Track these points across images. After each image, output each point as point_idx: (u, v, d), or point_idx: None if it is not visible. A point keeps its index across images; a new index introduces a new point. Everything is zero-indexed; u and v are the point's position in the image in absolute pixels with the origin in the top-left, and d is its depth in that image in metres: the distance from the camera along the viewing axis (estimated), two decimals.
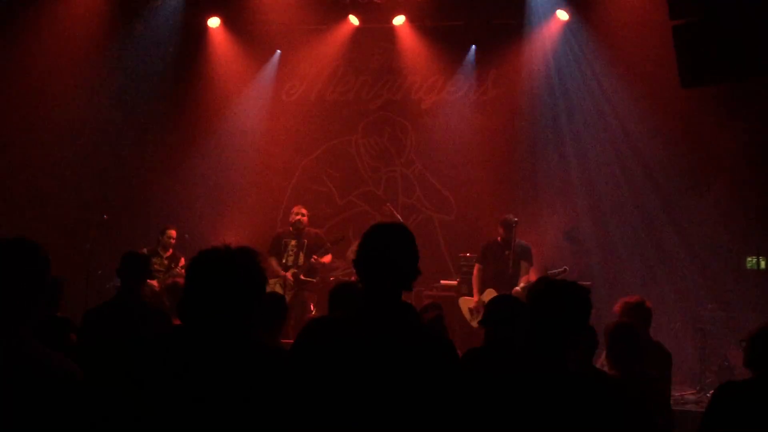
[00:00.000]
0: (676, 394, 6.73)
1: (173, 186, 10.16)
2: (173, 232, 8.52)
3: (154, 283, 7.78)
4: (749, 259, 8.62)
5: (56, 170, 9.81)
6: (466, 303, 8.23)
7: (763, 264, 8.56)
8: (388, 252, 2.40)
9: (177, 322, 2.28)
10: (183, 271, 7.81)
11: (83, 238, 8.60)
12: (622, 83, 9.37)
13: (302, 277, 8.28)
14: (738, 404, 3.17)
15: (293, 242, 8.41)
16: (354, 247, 2.59)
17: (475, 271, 8.28)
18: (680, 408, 6.31)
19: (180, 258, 8.42)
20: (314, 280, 8.35)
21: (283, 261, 8.33)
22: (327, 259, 8.44)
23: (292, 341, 2.52)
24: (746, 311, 8.05)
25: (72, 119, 9.76)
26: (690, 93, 7.66)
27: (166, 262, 8.40)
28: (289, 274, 8.25)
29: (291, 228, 8.47)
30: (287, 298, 8.10)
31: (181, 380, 2.03)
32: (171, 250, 8.50)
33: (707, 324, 7.67)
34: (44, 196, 9.69)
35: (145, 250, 8.36)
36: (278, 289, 7.99)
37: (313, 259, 8.20)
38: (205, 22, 10.34)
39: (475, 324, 7.74)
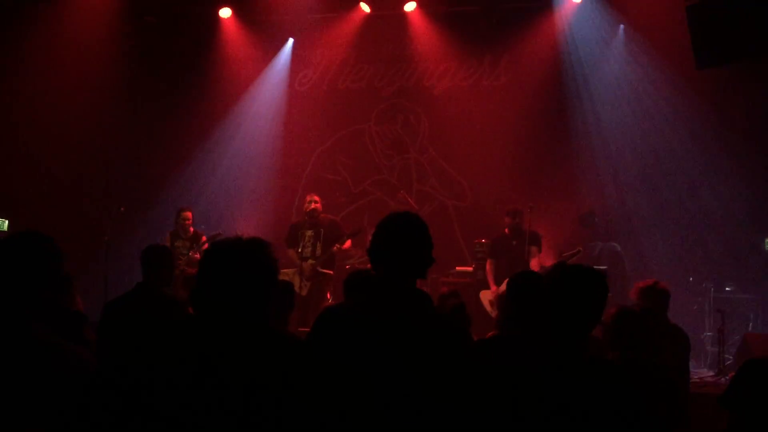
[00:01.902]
0: (695, 377, 6.70)
1: (188, 177, 10.23)
2: (188, 213, 8.56)
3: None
4: None
5: (71, 163, 9.92)
6: (486, 296, 8.23)
7: None
8: (402, 241, 2.42)
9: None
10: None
11: (101, 230, 8.67)
12: (640, 65, 9.29)
13: (320, 269, 8.28)
14: (763, 381, 3.15)
15: (310, 232, 8.38)
16: (370, 236, 2.62)
17: (487, 266, 8.33)
18: (699, 390, 6.28)
19: (201, 236, 8.49)
20: (332, 272, 8.35)
21: (300, 251, 8.31)
22: (347, 245, 8.43)
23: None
24: (766, 293, 8.00)
25: (86, 112, 9.82)
26: (709, 74, 7.59)
27: (188, 243, 8.45)
28: (307, 265, 8.25)
29: (306, 217, 8.46)
30: (305, 288, 8.15)
31: (192, 370, 2.05)
32: (192, 230, 8.57)
33: (726, 306, 7.62)
34: (61, 190, 9.80)
35: (167, 236, 8.50)
36: (296, 280, 8.00)
37: (335, 248, 8.18)
38: (217, 12, 10.35)
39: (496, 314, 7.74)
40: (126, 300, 4.47)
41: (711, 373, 7.10)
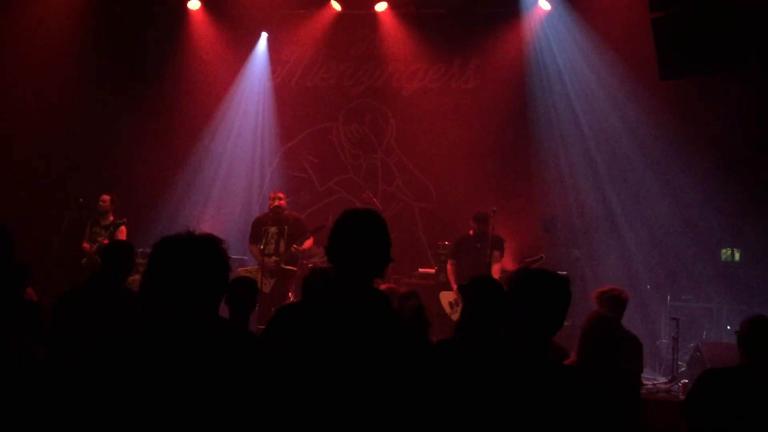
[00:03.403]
0: (649, 383, 6.81)
1: (151, 171, 10.08)
2: (106, 197, 8.33)
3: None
4: (724, 250, 8.73)
5: (32, 155, 9.74)
6: (447, 297, 8.28)
7: (737, 256, 8.68)
8: (360, 239, 2.39)
9: None
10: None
11: (59, 221, 8.51)
12: (604, 75, 9.41)
13: (283, 265, 8.22)
14: (721, 390, 3.22)
15: (273, 229, 8.30)
16: None
17: (448, 266, 8.37)
18: (652, 396, 6.38)
19: (120, 225, 8.18)
20: (295, 269, 8.29)
21: (263, 248, 8.23)
22: (307, 244, 8.35)
23: None
24: (720, 302, 8.16)
25: (51, 101, 9.66)
26: (672, 85, 7.73)
27: (103, 231, 8.19)
28: (269, 262, 8.19)
29: (270, 213, 8.38)
30: (268, 286, 8.08)
31: (143, 365, 2.01)
32: (112, 217, 8.32)
33: (681, 314, 7.76)
34: (24, 180, 9.61)
35: (87, 222, 8.31)
36: (258, 277, 7.93)
37: (293, 248, 8.13)
38: (185, 4, 10.23)
39: (455, 317, 7.78)
40: (78, 292, 4.38)
41: (664, 380, 7.21)
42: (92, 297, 4.27)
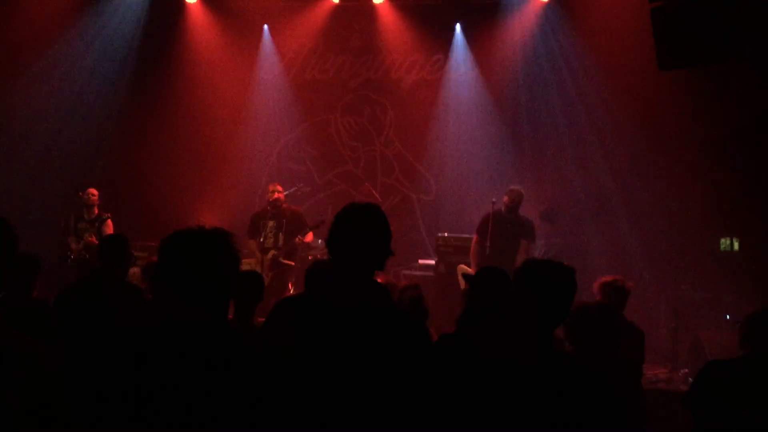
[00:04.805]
0: (649, 372, 6.82)
1: (150, 164, 10.06)
2: (94, 190, 8.25)
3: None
4: (723, 240, 8.74)
5: (28, 149, 9.71)
6: (463, 270, 7.95)
7: (736, 245, 8.70)
8: (360, 232, 2.39)
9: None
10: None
11: (58, 216, 8.49)
12: (601, 64, 9.41)
13: (282, 260, 8.21)
14: (725, 382, 3.22)
15: (272, 223, 8.28)
16: None
17: (473, 243, 7.97)
18: (652, 386, 6.40)
19: (106, 219, 8.17)
20: (293, 263, 8.28)
21: (262, 241, 8.23)
22: (309, 238, 8.35)
23: None
24: (719, 292, 8.18)
25: (45, 97, 9.64)
26: (666, 76, 7.72)
27: (89, 225, 8.14)
28: (268, 256, 8.18)
29: (269, 207, 8.36)
30: (267, 279, 8.07)
31: (148, 362, 2.01)
32: (97, 211, 8.25)
33: (681, 304, 7.77)
34: (18, 178, 9.59)
35: (71, 216, 8.23)
36: (257, 270, 7.93)
37: (297, 240, 8.10)
38: None
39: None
40: (80, 287, 4.38)
41: (664, 370, 7.24)
42: (96, 292, 4.26)
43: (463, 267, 8.18)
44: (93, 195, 8.23)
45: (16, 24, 9.40)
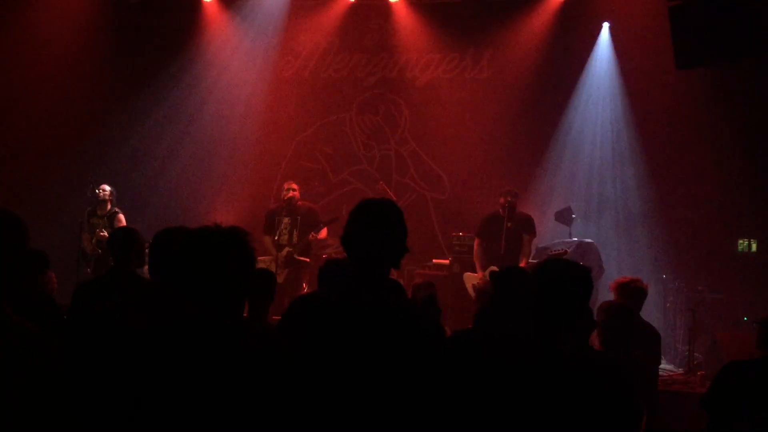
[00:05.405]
0: (664, 374, 6.77)
1: (165, 162, 10.12)
2: (107, 186, 8.33)
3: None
4: (741, 241, 8.67)
5: (46, 144, 9.80)
6: (471, 279, 8.06)
7: (754, 247, 8.62)
8: (376, 229, 2.36)
9: None
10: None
11: (75, 214, 8.56)
12: (622, 63, 9.36)
13: (296, 257, 8.23)
14: (744, 383, 3.19)
15: (286, 220, 8.31)
16: None
17: (475, 246, 8.17)
18: (668, 387, 6.35)
19: (118, 213, 8.26)
20: (308, 260, 8.30)
21: (276, 239, 8.26)
22: (323, 234, 8.34)
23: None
24: (736, 293, 8.10)
25: (64, 92, 9.73)
26: (684, 76, 7.67)
27: (102, 221, 8.21)
28: (283, 253, 8.20)
29: (284, 204, 8.39)
30: (281, 276, 8.10)
31: (163, 357, 2.02)
32: (109, 206, 8.33)
33: (697, 305, 7.71)
34: (35, 170, 9.69)
35: (85, 212, 8.33)
36: (272, 268, 7.94)
37: (311, 237, 8.11)
38: None
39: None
40: (98, 283, 4.40)
41: (680, 371, 7.18)
42: (114, 287, 4.26)
43: (468, 275, 8.25)
44: (104, 191, 8.31)
45: (37, 27, 9.47)
